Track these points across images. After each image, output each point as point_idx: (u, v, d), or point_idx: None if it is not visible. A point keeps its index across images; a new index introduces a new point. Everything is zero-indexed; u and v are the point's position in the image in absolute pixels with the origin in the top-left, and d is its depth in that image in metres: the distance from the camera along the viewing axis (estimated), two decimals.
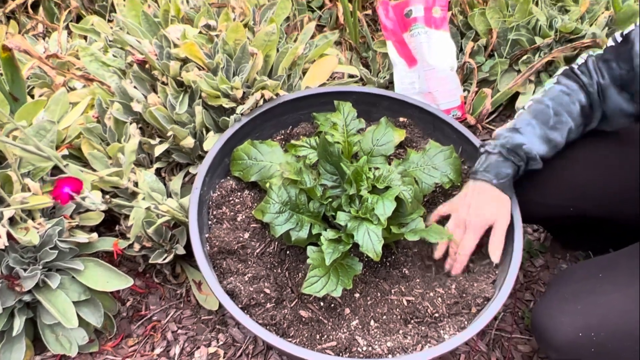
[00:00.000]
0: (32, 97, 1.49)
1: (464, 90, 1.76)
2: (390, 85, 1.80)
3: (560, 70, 1.16)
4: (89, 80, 1.45)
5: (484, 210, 1.09)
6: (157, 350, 1.34)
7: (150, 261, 1.31)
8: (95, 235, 1.27)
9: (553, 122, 1.09)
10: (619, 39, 1.03)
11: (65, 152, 1.32)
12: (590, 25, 1.68)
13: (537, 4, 1.74)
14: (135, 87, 1.35)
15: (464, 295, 1.09)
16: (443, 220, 1.17)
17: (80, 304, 1.24)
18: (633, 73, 1.00)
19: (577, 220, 1.23)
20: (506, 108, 1.82)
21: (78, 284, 1.24)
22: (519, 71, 1.74)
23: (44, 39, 1.77)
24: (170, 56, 1.31)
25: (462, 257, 1.11)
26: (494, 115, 1.81)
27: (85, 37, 1.71)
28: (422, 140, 1.35)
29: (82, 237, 1.25)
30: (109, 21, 1.87)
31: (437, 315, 1.08)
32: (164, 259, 1.31)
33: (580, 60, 1.13)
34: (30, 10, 1.90)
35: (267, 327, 1.05)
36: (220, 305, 1.39)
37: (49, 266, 1.22)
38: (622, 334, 0.94)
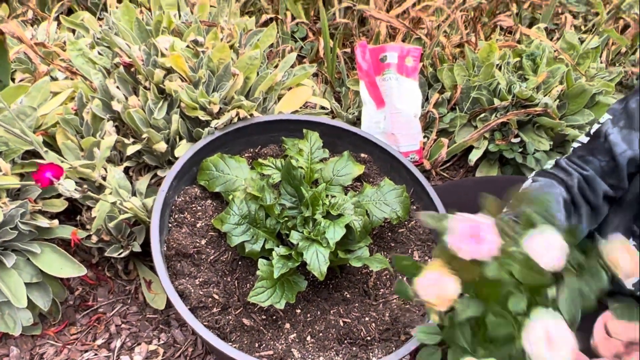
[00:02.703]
0: (13, 80, 1.53)
1: (424, 137, 1.89)
2: (357, 121, 1.91)
3: (532, 174, 1.16)
4: (73, 73, 1.50)
5: None
6: (99, 342, 1.38)
7: (105, 254, 1.35)
8: (56, 221, 1.32)
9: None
10: (585, 139, 1.09)
11: (40, 138, 1.36)
12: (544, 96, 1.84)
13: (500, 69, 1.89)
14: (117, 87, 1.41)
15: (396, 323, 1.18)
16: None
17: (30, 286, 1.27)
18: (614, 163, 1.04)
19: None
20: (460, 159, 1.96)
21: (32, 266, 1.28)
22: (476, 127, 1.88)
23: (32, 26, 1.81)
24: (156, 64, 1.38)
25: None
26: (449, 164, 1.95)
27: (73, 31, 1.77)
28: (379, 177, 1.46)
29: (43, 221, 1.29)
30: (99, 19, 1.93)
31: (369, 338, 1.17)
32: (119, 254, 1.36)
33: (548, 166, 1.15)
34: None
35: (211, 330, 1.11)
36: (167, 306, 1.45)
37: (6, 245, 1.26)
38: None
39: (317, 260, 1.09)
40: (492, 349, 0.64)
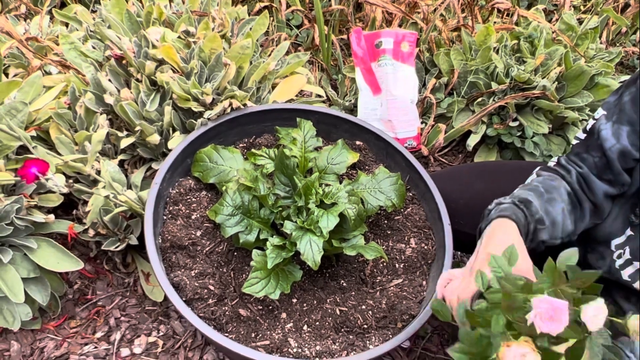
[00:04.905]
0: (7, 75, 1.53)
1: (422, 123, 1.88)
2: (354, 108, 1.90)
3: (536, 169, 1.16)
4: (65, 67, 1.49)
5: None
6: (98, 335, 1.39)
7: (102, 248, 1.36)
8: (52, 216, 1.32)
9: (546, 197, 1.05)
10: (583, 135, 1.09)
11: (33, 133, 1.36)
12: (543, 78, 1.82)
13: (497, 52, 1.87)
14: (109, 80, 1.40)
15: (392, 310, 1.18)
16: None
17: (28, 281, 1.28)
18: (605, 158, 1.03)
19: None
20: (458, 144, 1.94)
21: (29, 261, 1.28)
22: (473, 111, 1.87)
23: (25, 20, 1.80)
24: (148, 56, 1.37)
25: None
26: (447, 149, 1.94)
27: (66, 24, 1.76)
28: (375, 165, 1.45)
29: (39, 216, 1.29)
30: (93, 12, 1.91)
31: (365, 326, 1.17)
32: (117, 247, 1.37)
33: (551, 162, 1.15)
34: None
35: (207, 322, 1.12)
36: (165, 298, 1.45)
37: (3, 241, 1.26)
38: None
39: (311, 250, 1.09)
40: None
